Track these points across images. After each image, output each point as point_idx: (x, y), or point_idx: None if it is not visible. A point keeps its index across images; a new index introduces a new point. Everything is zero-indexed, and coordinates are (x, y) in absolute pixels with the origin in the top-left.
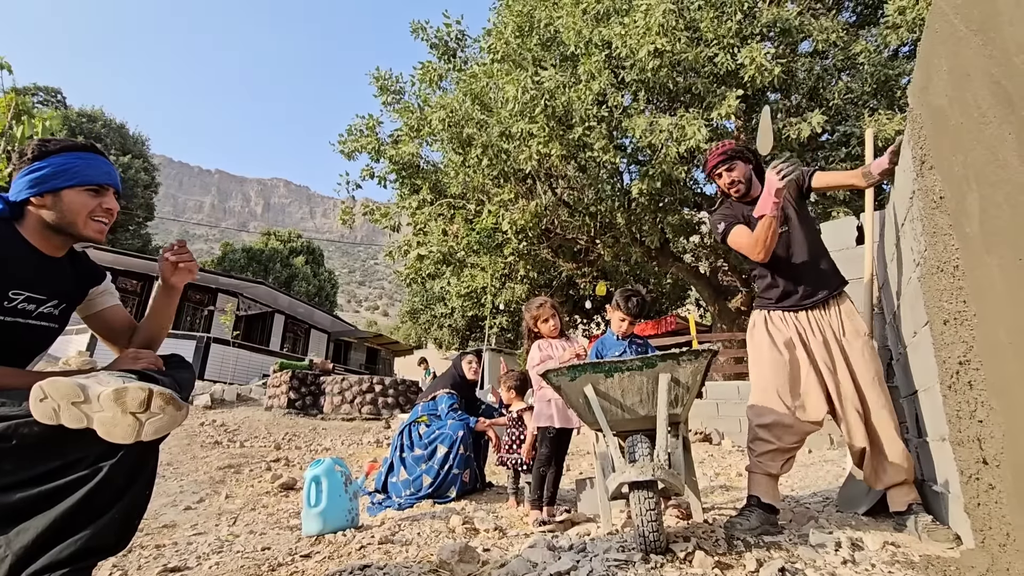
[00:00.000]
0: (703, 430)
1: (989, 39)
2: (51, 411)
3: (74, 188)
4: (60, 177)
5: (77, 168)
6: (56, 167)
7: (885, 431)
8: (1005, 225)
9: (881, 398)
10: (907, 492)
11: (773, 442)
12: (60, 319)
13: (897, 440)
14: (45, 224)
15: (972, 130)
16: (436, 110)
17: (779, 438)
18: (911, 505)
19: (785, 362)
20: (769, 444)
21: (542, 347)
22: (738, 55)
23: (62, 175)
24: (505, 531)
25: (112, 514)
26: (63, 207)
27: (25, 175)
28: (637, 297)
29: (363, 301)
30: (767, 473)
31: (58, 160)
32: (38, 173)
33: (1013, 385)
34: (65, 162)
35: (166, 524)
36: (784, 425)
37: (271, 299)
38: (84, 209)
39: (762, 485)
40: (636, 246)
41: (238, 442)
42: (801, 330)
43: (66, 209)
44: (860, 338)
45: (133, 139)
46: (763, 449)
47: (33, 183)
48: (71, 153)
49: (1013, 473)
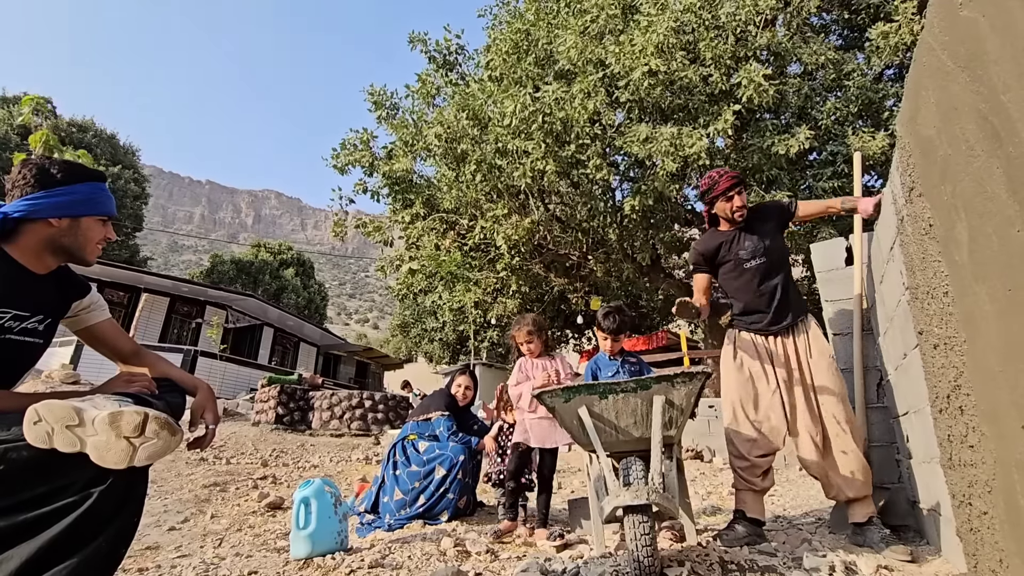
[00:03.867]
0: (694, 447)
1: (976, 76)
2: (45, 434)
3: (92, 217)
4: (85, 205)
5: (99, 199)
6: (83, 195)
7: (847, 446)
8: (994, 256)
9: (844, 414)
10: (866, 505)
11: (746, 457)
12: (45, 334)
13: (858, 455)
14: (49, 244)
15: (960, 162)
16: (432, 126)
17: (749, 452)
18: (871, 518)
19: (747, 379)
20: (743, 460)
21: (523, 367)
22: (734, 75)
23: (87, 203)
24: (497, 554)
25: (99, 542)
26: (80, 233)
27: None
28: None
29: (353, 314)
30: (751, 489)
31: (85, 189)
32: (67, 198)
33: (1004, 413)
34: (91, 192)
35: (149, 546)
36: (751, 440)
37: (260, 311)
38: (96, 237)
39: (748, 501)
40: (628, 262)
41: (224, 459)
42: (767, 351)
43: (81, 236)
44: (825, 358)
45: (124, 149)
46: (740, 465)
47: (59, 206)
48: (95, 183)
49: (1005, 500)
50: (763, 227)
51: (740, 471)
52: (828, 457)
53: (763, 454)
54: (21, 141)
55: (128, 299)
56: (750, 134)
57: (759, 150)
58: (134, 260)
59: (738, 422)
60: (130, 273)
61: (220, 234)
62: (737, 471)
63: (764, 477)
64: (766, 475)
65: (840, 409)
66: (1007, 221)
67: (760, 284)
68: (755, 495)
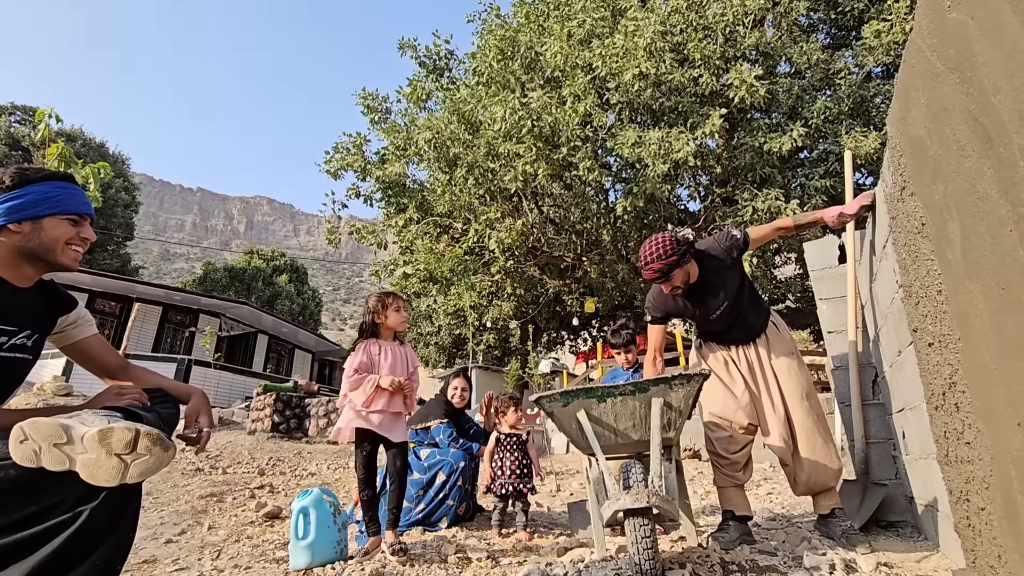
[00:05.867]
0: (692, 446)
1: (966, 78)
2: (32, 453)
3: (55, 216)
4: (42, 205)
5: (59, 197)
6: (38, 195)
7: (812, 440)
8: (987, 255)
9: (809, 410)
10: (829, 497)
11: (724, 455)
12: (33, 350)
13: (825, 449)
14: (19, 252)
15: (951, 162)
16: (423, 130)
17: (726, 450)
18: (834, 510)
19: (716, 380)
20: (722, 458)
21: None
22: (723, 76)
23: (44, 203)
24: (498, 560)
25: (93, 560)
26: (43, 234)
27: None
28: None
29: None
30: (734, 484)
31: (40, 188)
32: (18, 201)
33: (1000, 410)
34: (47, 191)
35: (146, 559)
36: (727, 438)
37: (254, 319)
38: (63, 237)
39: (733, 499)
40: (622, 263)
41: (220, 468)
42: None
43: (46, 236)
44: (785, 357)
45: (113, 158)
46: (720, 463)
47: (12, 210)
48: (52, 183)
49: (1002, 496)
50: (714, 283)
51: (721, 468)
52: (796, 456)
53: (739, 449)
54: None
55: (120, 309)
56: (742, 133)
57: (751, 149)
58: (125, 269)
59: (713, 422)
60: (122, 283)
61: (212, 241)
62: (718, 468)
63: (744, 471)
64: (746, 468)
65: (804, 405)
66: (999, 220)
67: (724, 322)
68: (738, 490)
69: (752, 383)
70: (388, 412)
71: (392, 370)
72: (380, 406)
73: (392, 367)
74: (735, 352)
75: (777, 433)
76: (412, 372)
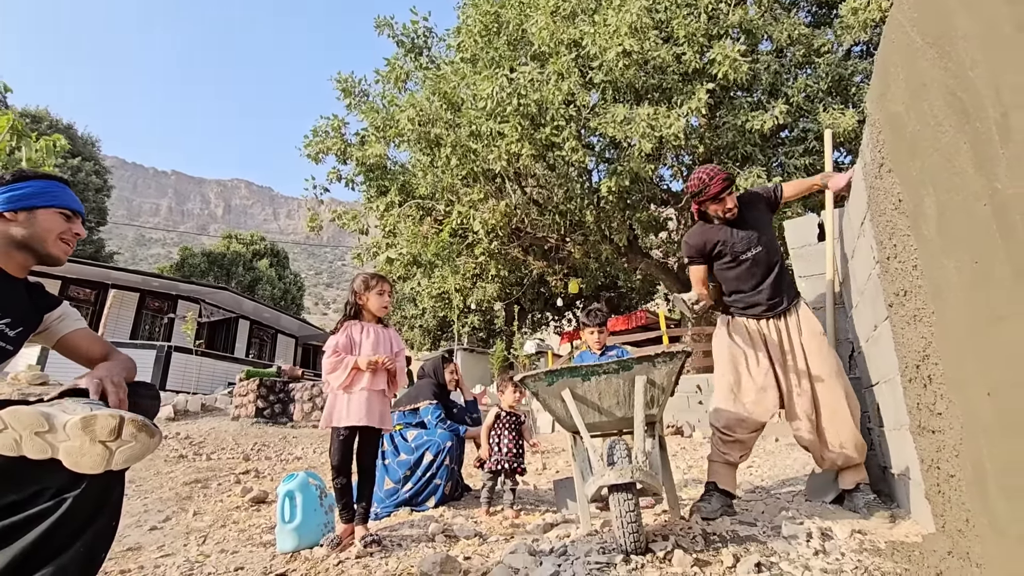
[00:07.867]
0: (674, 423)
1: (944, 52)
2: (12, 442)
3: (49, 209)
4: (38, 197)
5: (55, 193)
6: (36, 189)
7: (841, 418)
8: (962, 230)
9: (839, 389)
10: (856, 473)
11: (729, 435)
12: (15, 341)
13: (850, 426)
14: (11, 240)
15: (929, 137)
16: (404, 109)
17: (734, 431)
18: (859, 484)
19: (741, 361)
20: (727, 436)
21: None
22: (707, 53)
23: (40, 196)
24: (485, 537)
25: (76, 548)
26: (36, 224)
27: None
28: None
29: (331, 303)
30: (726, 462)
31: (38, 184)
32: (16, 192)
33: (971, 381)
34: (44, 186)
35: (131, 547)
36: (741, 419)
37: (235, 304)
38: (56, 229)
39: (720, 473)
40: (605, 243)
41: (204, 455)
42: (762, 334)
43: (39, 226)
44: (816, 337)
45: (82, 140)
46: (724, 439)
47: (9, 200)
48: (49, 181)
49: (972, 463)
50: (754, 217)
51: (722, 445)
52: (822, 434)
53: (750, 432)
54: None
55: (96, 296)
56: (724, 112)
57: (733, 127)
58: (100, 255)
59: (730, 401)
60: (96, 269)
61: (189, 226)
62: (718, 445)
63: (743, 453)
64: (746, 451)
65: (835, 385)
66: (973, 195)
67: (756, 273)
68: (729, 468)
69: (779, 360)
70: (371, 390)
71: (374, 349)
72: (363, 384)
73: (374, 347)
74: (767, 327)
75: (803, 412)
76: (397, 352)
